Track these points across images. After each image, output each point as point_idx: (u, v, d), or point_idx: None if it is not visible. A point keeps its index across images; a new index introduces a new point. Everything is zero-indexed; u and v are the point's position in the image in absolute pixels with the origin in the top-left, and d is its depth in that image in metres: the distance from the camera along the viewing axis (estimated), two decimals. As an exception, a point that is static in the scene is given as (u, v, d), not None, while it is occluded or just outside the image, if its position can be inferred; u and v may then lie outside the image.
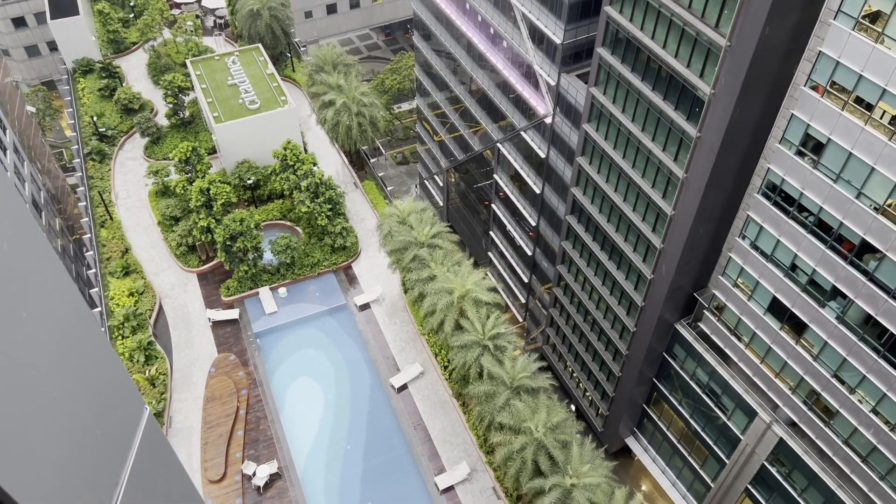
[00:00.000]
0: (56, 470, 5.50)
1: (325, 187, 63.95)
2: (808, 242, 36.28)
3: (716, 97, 36.77)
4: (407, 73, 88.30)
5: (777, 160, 36.25)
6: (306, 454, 54.64)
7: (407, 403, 57.63)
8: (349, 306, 64.25)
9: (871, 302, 34.00)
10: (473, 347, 50.12)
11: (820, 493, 41.83)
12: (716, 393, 48.04)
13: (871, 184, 31.99)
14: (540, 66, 53.02)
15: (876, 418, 36.34)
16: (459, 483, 52.93)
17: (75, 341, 6.24)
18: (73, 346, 6.19)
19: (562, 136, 53.70)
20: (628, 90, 43.70)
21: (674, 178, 42.22)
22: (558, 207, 57.61)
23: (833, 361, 37.73)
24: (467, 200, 78.05)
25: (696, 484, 54.16)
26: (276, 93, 72.22)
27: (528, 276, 68.20)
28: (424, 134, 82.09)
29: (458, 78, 68.59)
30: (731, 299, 43.49)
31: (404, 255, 57.78)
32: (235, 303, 63.56)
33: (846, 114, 31.65)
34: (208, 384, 57.22)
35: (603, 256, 52.46)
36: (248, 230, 59.55)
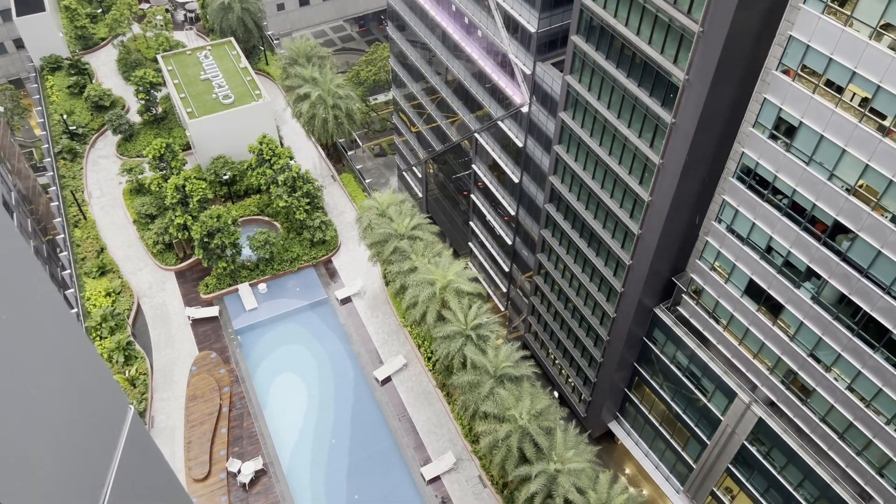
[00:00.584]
0: (42, 471, 5.46)
1: (302, 181, 63.52)
2: (783, 225, 36.84)
3: (690, 83, 37.09)
4: (382, 64, 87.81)
5: (751, 144, 36.70)
6: (291, 450, 54.53)
7: (391, 395, 57.70)
8: (330, 300, 64.05)
9: (845, 282, 34.65)
10: (456, 338, 50.27)
11: (799, 470, 42.69)
12: (696, 375, 48.71)
13: (842, 165, 32.54)
14: (515, 55, 53.04)
15: (851, 395, 37.13)
16: (445, 473, 53.20)
17: (57, 343, 6.18)
18: (55, 348, 6.13)
19: (538, 124, 53.84)
20: (603, 78, 43.90)
21: (650, 165, 42.58)
22: (537, 196, 57.83)
23: (809, 341, 38.44)
24: (446, 191, 78.04)
25: (678, 465, 54.97)
26: (249, 87, 71.45)
27: (509, 265, 68.46)
28: (401, 125, 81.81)
29: (434, 68, 68.39)
30: (708, 283, 44.06)
31: (384, 247, 57.67)
32: (215, 300, 63.03)
33: (817, 97, 32.12)
34: (190, 383, 56.78)
35: (582, 244, 52.81)
36: (225, 226, 59.00)
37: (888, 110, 29.50)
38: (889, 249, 31.84)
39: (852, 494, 39.69)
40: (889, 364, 34.34)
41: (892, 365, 34.24)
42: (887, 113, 29.61)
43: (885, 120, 29.86)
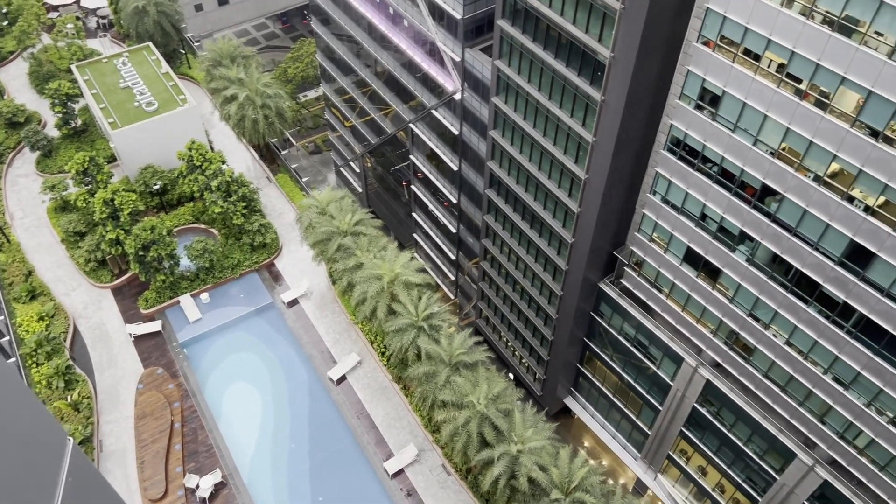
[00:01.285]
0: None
1: (236, 185, 62.09)
2: (715, 192, 38.02)
3: (616, 60, 37.73)
4: (309, 60, 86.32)
5: (678, 116, 37.67)
6: (250, 459, 53.62)
7: (348, 394, 57.29)
8: (277, 304, 63.00)
9: (776, 242, 36.06)
10: (409, 330, 50.19)
11: (747, 425, 44.43)
12: (643, 344, 50.00)
13: (765, 130, 33.74)
14: (443, 42, 52.91)
15: (790, 350, 38.77)
16: (409, 465, 53.27)
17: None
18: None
19: (472, 111, 53.95)
20: (532, 60, 44.24)
21: (584, 143, 43.23)
22: (477, 182, 58.05)
23: (747, 301, 39.91)
24: (386, 184, 77.54)
25: (634, 433, 56.45)
26: (173, 92, 69.25)
27: (455, 253, 68.63)
28: (334, 121, 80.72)
29: (363, 61, 67.63)
30: (648, 254, 45.18)
31: (328, 245, 56.99)
32: (156, 314, 61.16)
33: (737, 66, 33.15)
34: (137, 401, 55.06)
35: (525, 226, 53.34)
36: (160, 238, 57.20)
37: (803, 74, 30.69)
38: (814, 208, 33.26)
39: (797, 443, 41.57)
40: (822, 317, 35.98)
41: (825, 318, 35.89)
42: (802, 77, 30.80)
43: (801, 84, 31.07)
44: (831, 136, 30.90)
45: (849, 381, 36.53)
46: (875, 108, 28.85)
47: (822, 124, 30.97)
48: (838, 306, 34.87)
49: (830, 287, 34.58)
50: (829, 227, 33.12)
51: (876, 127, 29.24)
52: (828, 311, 35.63)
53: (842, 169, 31.66)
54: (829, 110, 30.47)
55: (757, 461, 44.81)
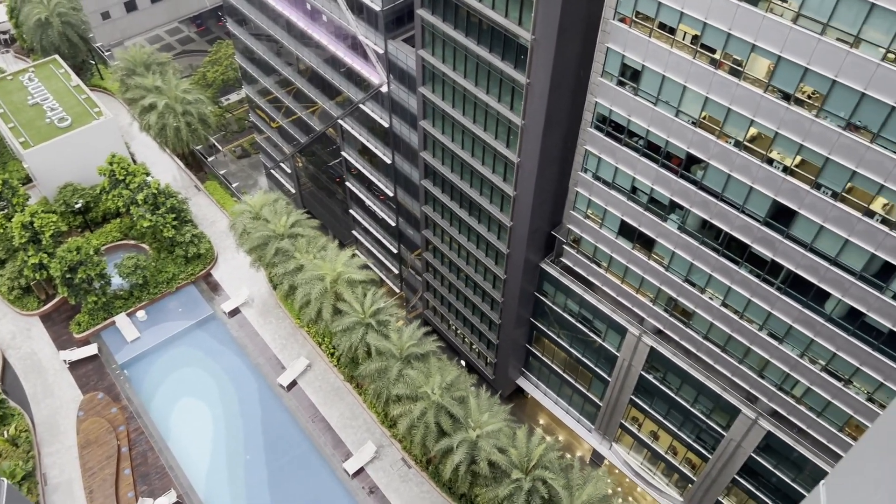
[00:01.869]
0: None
1: (164, 196, 60.10)
2: (643, 164, 39.04)
3: (537, 42, 38.15)
4: (228, 62, 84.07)
5: (602, 93, 38.44)
6: (205, 475, 52.36)
7: (300, 399, 56.52)
8: (217, 315, 61.49)
9: (704, 208, 37.35)
10: (356, 328, 49.81)
11: (692, 387, 46.06)
12: (588, 319, 51.11)
13: (685, 101, 34.80)
14: (365, 35, 52.37)
15: (726, 310, 40.33)
16: (369, 463, 53.05)
17: None
18: None
19: (401, 102, 53.67)
20: (455, 48, 44.28)
21: (514, 127, 43.63)
22: (412, 174, 57.89)
23: (682, 268, 41.26)
24: (320, 183, 76.46)
25: (586, 406, 57.76)
26: (87, 105, 66.38)
27: (397, 247, 68.37)
28: (260, 122, 78.99)
29: (284, 59, 66.29)
30: (585, 230, 46.11)
31: (265, 250, 55.89)
32: (91, 337, 58.79)
33: (654, 40, 34.02)
34: (80, 430, 52.91)
35: (463, 213, 53.57)
36: (87, 258, 54.90)
37: (716, 44, 31.76)
38: (737, 172, 34.56)
39: (740, 399, 43.37)
40: (753, 276, 37.54)
41: (756, 277, 37.45)
42: (716, 47, 31.87)
43: (715, 54, 32.14)
44: (747, 102, 32.11)
45: (782, 334, 38.28)
46: (785, 73, 30.13)
47: (737, 91, 32.15)
48: (767, 265, 36.43)
49: (758, 247, 36.08)
50: (753, 190, 34.50)
51: (787, 90, 30.54)
52: (758, 271, 37.18)
53: (759, 133, 32.98)
54: (743, 77, 31.64)
55: (704, 420, 46.55)
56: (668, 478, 53.74)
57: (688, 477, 51.13)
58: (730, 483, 47.38)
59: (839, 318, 35.22)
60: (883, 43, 26.81)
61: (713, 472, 47.97)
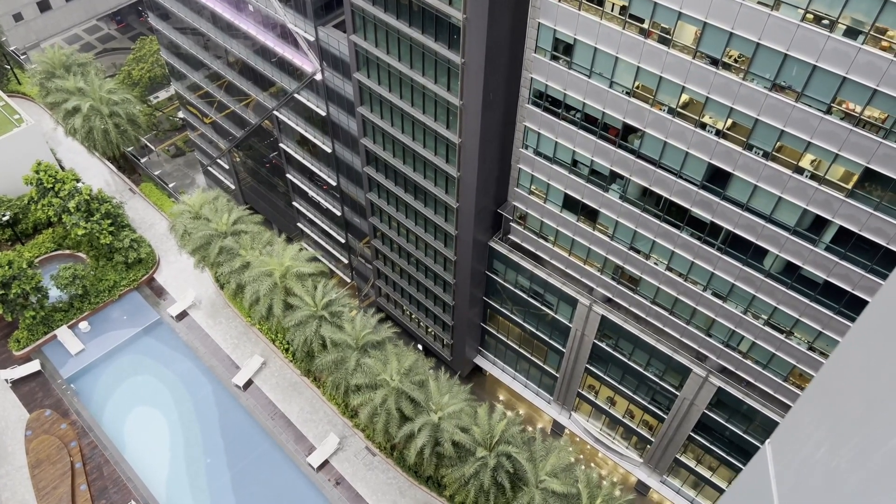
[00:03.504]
0: None
1: (97, 202, 57.94)
2: (582, 137, 39.53)
3: (469, 21, 38.00)
4: (154, 59, 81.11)
5: (537, 69, 38.64)
6: (165, 484, 51.28)
7: (257, 397, 55.74)
8: (164, 320, 59.91)
9: (644, 176, 38.13)
10: (309, 322, 49.27)
11: (644, 351, 47.31)
12: (539, 293, 51.80)
13: (618, 72, 35.30)
14: (294, 23, 51.22)
15: (671, 274, 41.44)
16: (332, 455, 52.85)
17: None
18: None
19: (336, 90, 52.83)
20: (387, 31, 43.75)
21: (452, 108, 43.50)
22: (354, 161, 57.23)
23: (626, 236, 42.14)
24: (260, 177, 74.91)
25: (544, 378, 58.74)
26: (6, 113, 63.24)
27: (345, 236, 67.70)
28: (192, 119, 76.67)
29: (213, 53, 64.35)
30: (530, 206, 46.54)
31: (209, 250, 54.60)
32: (32, 353, 56.55)
33: (584, 13, 34.31)
34: (29, 449, 51.03)
35: (409, 198, 53.34)
36: (21, 272, 52.62)
37: (644, 14, 32.23)
38: (672, 139, 35.34)
39: (690, 359, 44.78)
40: (695, 239, 38.61)
41: (697, 239, 38.53)
42: (644, 17, 32.34)
43: (643, 23, 32.62)
44: (677, 70, 32.77)
45: (726, 293, 39.59)
46: (711, 38, 30.82)
47: (667, 59, 32.75)
48: (707, 227, 37.51)
49: (698, 210, 37.08)
50: (689, 155, 35.36)
51: (714, 55, 31.28)
52: (699, 233, 38.26)
53: (691, 99, 33.74)
54: (672, 45, 32.23)
55: (658, 382, 47.93)
56: (628, 441, 55.27)
57: (646, 438, 52.67)
58: (686, 441, 49.04)
59: (777, 273, 36.60)
60: (801, 4, 27.66)
61: (669, 432, 49.54)
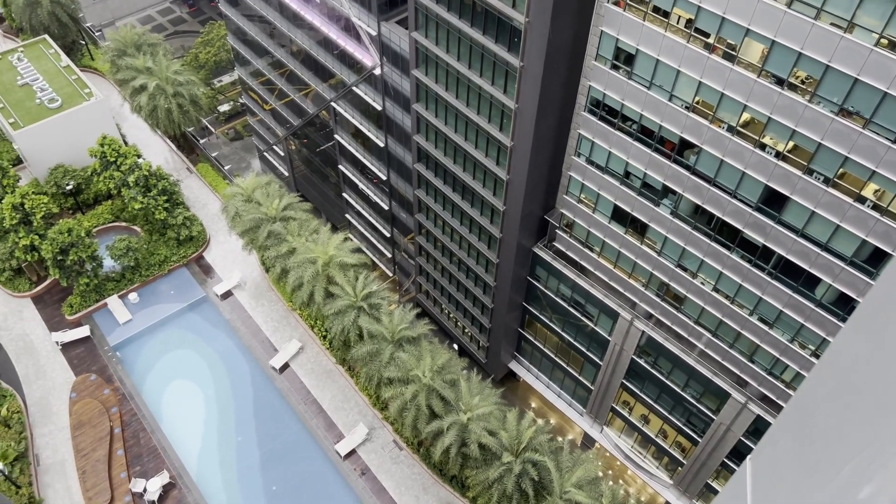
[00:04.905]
0: None
1: (155, 178, 59.75)
2: (636, 149, 38.95)
3: (531, 25, 37.85)
4: (221, 43, 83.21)
5: (596, 77, 38.24)
6: (197, 457, 52.56)
7: (292, 381, 56.65)
8: (209, 297, 61.41)
9: (697, 193, 37.35)
10: (348, 311, 49.83)
11: (683, 372, 46.33)
12: (580, 303, 51.24)
13: (679, 85, 34.67)
14: (358, 17, 51.86)
15: (717, 295, 40.48)
16: (360, 445, 53.32)
17: None
18: None
19: (394, 85, 53.28)
20: (448, 30, 43.92)
21: (507, 110, 43.41)
22: (405, 157, 57.62)
23: (674, 253, 41.33)
24: (313, 166, 76.09)
25: (578, 390, 58.08)
26: (77, 86, 65.74)
27: (390, 231, 68.24)
28: (253, 104, 78.37)
29: (277, 41, 65.65)
30: (578, 215, 46.07)
31: (257, 233, 55.73)
32: (83, 319, 58.69)
33: (648, 23, 33.81)
34: (72, 411, 52.97)
35: (456, 197, 53.43)
36: (79, 240, 54.63)
37: (710, 28, 31.58)
38: (729, 157, 34.53)
39: (731, 383, 43.66)
40: (744, 261, 37.64)
41: (747, 262, 37.55)
42: (710, 31, 31.69)
43: (709, 38, 31.97)
44: (741, 87, 32.00)
45: (773, 319, 38.46)
46: (778, 57, 30.01)
47: (731, 76, 32.02)
48: (758, 250, 36.52)
49: (750, 232, 36.14)
50: (745, 175, 34.49)
51: (780, 75, 30.44)
52: (749, 256, 37.27)
53: (752, 118, 32.90)
54: (737, 62, 31.50)
55: (695, 404, 46.89)
56: (659, 461, 54.23)
57: (678, 460, 51.60)
58: (719, 466, 47.86)
59: (829, 303, 35.39)
60: (876, 28, 26.72)
61: (703, 456, 48.42)
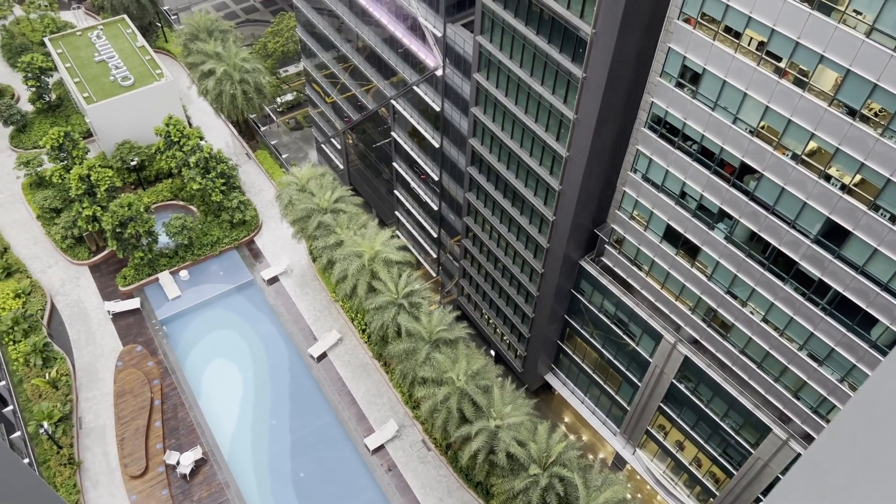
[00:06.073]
0: None
1: (215, 161, 61.30)
2: (694, 170, 38.12)
3: (597, 36, 37.46)
4: (289, 34, 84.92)
5: (659, 93, 37.59)
6: (230, 435, 53.64)
7: (328, 371, 57.33)
8: (256, 281, 62.64)
9: (754, 220, 36.31)
10: (389, 308, 50.15)
11: (724, 401, 45.10)
12: (623, 321, 50.40)
13: (745, 108, 33.78)
14: (425, 17, 52.23)
15: (766, 326, 39.27)
16: (389, 441, 53.58)
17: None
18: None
19: (454, 87, 53.47)
20: (514, 36, 43.82)
21: (565, 120, 43.06)
22: (458, 159, 57.76)
23: (725, 279, 40.28)
24: (368, 161, 76.95)
25: (613, 409, 57.14)
26: (150, 66, 67.96)
27: (437, 231, 68.48)
28: (315, 96, 79.70)
29: (344, 36, 66.64)
30: (629, 231, 45.35)
31: (308, 223, 56.60)
32: (135, 291, 60.60)
33: (718, 43, 33.06)
34: (117, 379, 54.74)
35: (506, 203, 53.27)
36: (138, 214, 56.47)
37: (783, 52, 30.68)
38: (791, 186, 33.47)
39: (773, 418, 42.28)
40: (798, 294, 36.41)
41: (800, 295, 36.32)
42: (782, 55, 30.80)
43: (780, 62, 31.07)
44: (810, 115, 31.00)
45: (823, 357, 37.11)
46: (853, 87, 28.95)
47: (800, 103, 31.05)
48: (814, 284, 35.29)
49: (807, 265, 34.96)
50: (806, 206, 33.39)
51: (853, 105, 29.36)
52: (804, 289, 36.05)
53: (819, 147, 31.83)
54: (808, 89, 30.53)
55: (733, 436, 45.58)
56: (690, 489, 52.91)
57: (710, 491, 50.25)
58: (753, 502, 46.41)
59: (885, 346, 33.95)
60: (961, 63, 25.53)
61: (737, 489, 47.03)
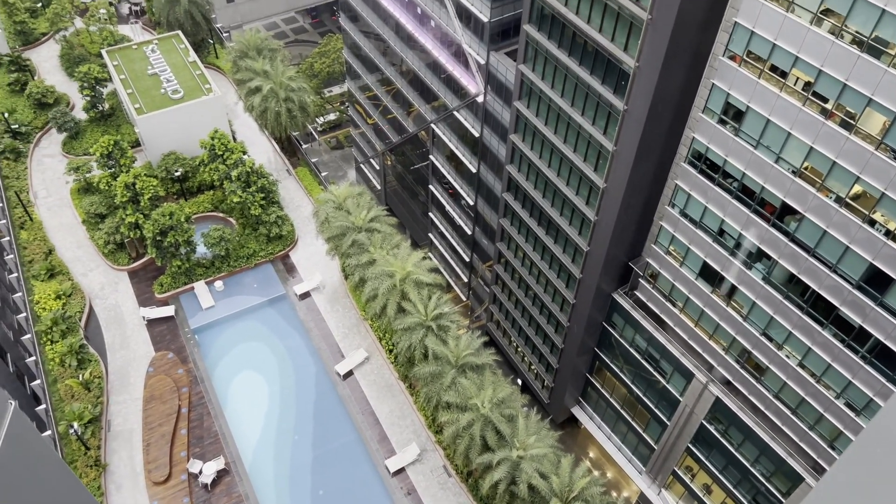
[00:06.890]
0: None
1: (256, 176, 62.46)
2: (734, 207, 37.59)
3: (640, 70, 37.45)
4: (336, 55, 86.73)
5: (701, 129, 37.31)
6: (253, 448, 53.86)
7: (353, 389, 57.36)
8: (289, 296, 63.28)
9: (794, 261, 35.56)
10: (417, 329, 50.14)
11: (755, 446, 43.83)
12: (654, 358, 49.55)
13: (788, 148, 33.31)
14: (469, 44, 52.90)
15: (803, 372, 38.20)
16: (410, 464, 53.19)
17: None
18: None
19: (494, 114, 53.86)
20: (556, 66, 44.07)
21: (604, 152, 42.97)
22: (495, 185, 57.96)
23: (761, 320, 39.39)
24: (405, 182, 77.68)
25: (640, 447, 55.96)
26: (199, 81, 69.90)
27: (470, 255, 68.54)
28: (357, 117, 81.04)
29: (389, 59, 67.83)
30: (664, 266, 44.77)
31: (342, 240, 57.14)
32: (170, 299, 61.71)
33: (763, 82, 32.77)
34: (147, 384, 55.56)
35: (540, 231, 53.14)
36: (178, 224, 57.70)
37: (830, 94, 30.25)
38: (834, 229, 32.75)
39: (806, 467, 40.92)
40: (837, 340, 35.40)
41: (839, 341, 35.30)
42: (829, 96, 30.36)
43: (826, 103, 30.62)
44: (855, 158, 30.41)
45: (861, 406, 35.91)
46: (901, 131, 28.36)
47: (846, 145, 30.51)
48: (854, 330, 34.31)
49: (847, 311, 34.03)
50: (849, 250, 32.61)
51: (901, 150, 28.74)
52: (843, 335, 35.06)
53: (864, 191, 31.15)
54: (855, 131, 30.00)
55: (763, 483, 44.21)
56: (716, 536, 51.34)
57: (736, 539, 48.69)
58: (781, 553, 44.84)
59: (927, 399, 32.70)
60: None
61: (764, 539, 45.52)
